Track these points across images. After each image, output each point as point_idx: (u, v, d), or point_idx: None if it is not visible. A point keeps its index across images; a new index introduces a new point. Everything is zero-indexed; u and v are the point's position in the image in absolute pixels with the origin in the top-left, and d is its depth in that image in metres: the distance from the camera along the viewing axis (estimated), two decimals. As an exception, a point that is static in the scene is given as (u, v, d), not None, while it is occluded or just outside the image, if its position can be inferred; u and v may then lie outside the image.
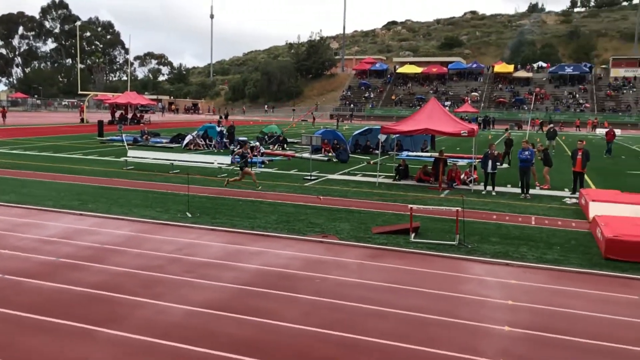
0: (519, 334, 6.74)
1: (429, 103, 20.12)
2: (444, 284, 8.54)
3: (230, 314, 7.07)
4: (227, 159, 20.97)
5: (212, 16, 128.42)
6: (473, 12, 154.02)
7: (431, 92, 79.48)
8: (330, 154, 26.03)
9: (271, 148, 29.41)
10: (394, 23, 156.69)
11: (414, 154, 28.30)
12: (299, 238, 11.01)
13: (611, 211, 12.81)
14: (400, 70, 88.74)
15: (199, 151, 27.78)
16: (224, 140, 29.64)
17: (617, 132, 44.86)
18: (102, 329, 6.50)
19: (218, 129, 30.95)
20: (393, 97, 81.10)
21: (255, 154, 22.82)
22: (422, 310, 7.38)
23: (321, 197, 15.25)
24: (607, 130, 33.67)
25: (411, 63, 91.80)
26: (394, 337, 6.50)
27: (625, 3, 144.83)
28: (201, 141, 29.62)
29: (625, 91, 73.71)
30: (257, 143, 25.81)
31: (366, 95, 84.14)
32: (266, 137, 33.11)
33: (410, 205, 11.57)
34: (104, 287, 7.91)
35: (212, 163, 20.62)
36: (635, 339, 6.66)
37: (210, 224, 11.91)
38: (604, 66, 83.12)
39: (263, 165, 22.35)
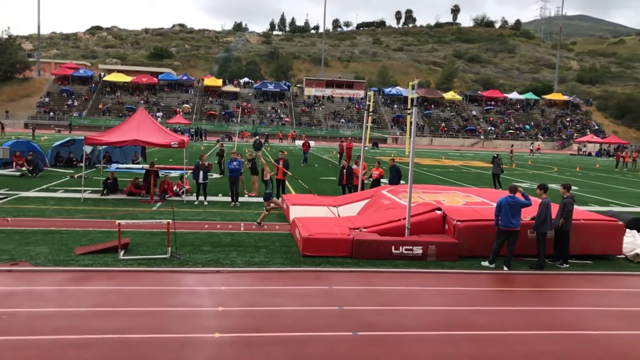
0: (228, 338, 6.94)
1: (137, 113, 19.42)
2: (155, 299, 8.27)
3: None
4: None
5: None
6: (182, 25, 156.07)
7: (142, 102, 77.25)
8: (23, 169, 22.84)
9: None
10: (98, 28, 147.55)
11: (124, 166, 26.96)
12: (-20, 269, 9.27)
13: (307, 213, 14.43)
14: (107, 78, 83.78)
15: None
16: None
17: (312, 143, 50.92)
18: None
19: None
20: (100, 106, 76.05)
21: None
22: (131, 331, 6.99)
23: (9, 219, 13.20)
24: (303, 142, 37.99)
25: (119, 71, 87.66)
26: (98, 366, 5.97)
27: (313, 31, 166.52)
28: None
29: (316, 108, 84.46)
30: None
31: (69, 102, 76.90)
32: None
33: (118, 221, 10.91)
34: None
35: None
36: (325, 325, 7.54)
37: None
38: (299, 85, 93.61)
39: None
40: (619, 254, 12.25)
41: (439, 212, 12.52)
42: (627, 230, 13.16)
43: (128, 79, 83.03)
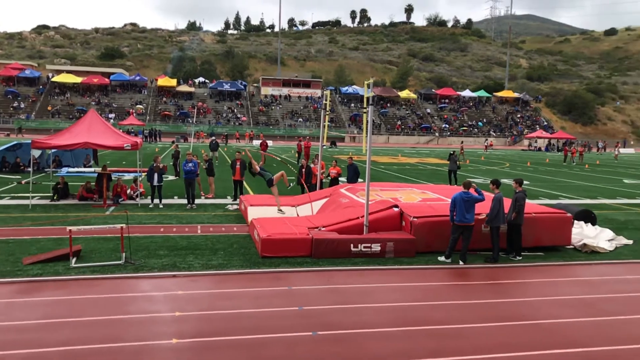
0: (186, 343, 6.81)
1: (88, 115, 18.87)
2: (109, 307, 8.03)
3: None
4: None
5: None
6: (133, 24, 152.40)
7: (93, 103, 75.07)
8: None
9: None
10: (45, 27, 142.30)
11: (75, 170, 26.09)
12: None
13: (266, 213, 14.33)
14: (56, 79, 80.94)
15: None
16: None
17: (270, 142, 50.71)
18: None
19: None
20: (49, 108, 73.42)
21: None
22: (84, 342, 6.76)
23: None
24: (261, 141, 37.76)
25: (69, 72, 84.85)
26: (49, 379, 5.74)
27: (269, 30, 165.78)
28: None
29: (274, 107, 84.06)
30: None
31: (15, 105, 73.92)
32: None
33: (69, 228, 10.54)
34: None
35: None
36: (285, 326, 7.50)
37: None
38: (255, 85, 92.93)
39: None
40: (568, 244, 12.69)
41: (396, 209, 12.66)
42: (575, 221, 13.67)
43: (78, 79, 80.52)
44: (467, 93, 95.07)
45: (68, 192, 18.07)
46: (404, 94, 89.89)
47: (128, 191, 18.15)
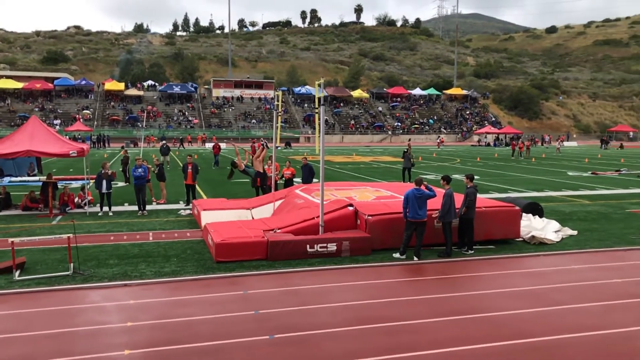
0: (139, 354, 6.62)
1: (30, 122, 18.13)
2: (57, 320, 7.73)
3: None
4: None
5: None
6: (77, 27, 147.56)
7: (36, 109, 72.28)
8: None
9: None
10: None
11: (19, 179, 25.02)
12: None
13: (220, 217, 14.13)
14: (-5, 85, 77.53)
15: None
16: None
17: (223, 145, 50.11)
18: None
19: None
20: (-11, 116, 70.25)
21: None
22: (31, 357, 6.48)
23: None
24: (214, 144, 37.26)
25: (8, 77, 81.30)
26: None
27: (218, 31, 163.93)
28: None
29: (226, 109, 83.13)
30: None
31: (-49, 113, 70.36)
32: None
33: (10, 239, 10.08)
34: None
35: None
36: (241, 330, 7.40)
37: None
38: (206, 87, 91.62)
39: None
40: (517, 237, 13.09)
41: (351, 208, 12.73)
42: (524, 214, 14.12)
43: (19, 85, 77.30)
44: (417, 91, 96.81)
45: (10, 202, 17.34)
46: (357, 93, 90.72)
47: (76, 200, 17.56)
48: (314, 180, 18.78)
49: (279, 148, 17.92)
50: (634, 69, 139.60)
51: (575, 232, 14.02)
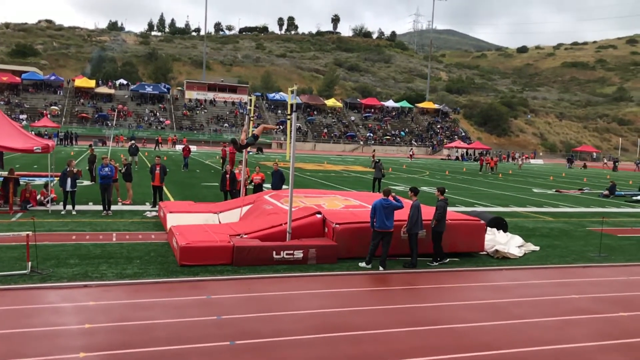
0: (95, 357, 6.45)
1: (-7, 115, 17.59)
2: (11, 320, 7.48)
3: None
4: None
5: None
6: (49, 21, 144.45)
7: (2, 103, 70.33)
8: None
9: None
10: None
11: (-21, 173, 24.27)
12: None
13: (186, 220, 13.92)
14: (-41, 75, 75.14)
15: None
16: None
17: (193, 148, 49.63)
18: None
19: None
20: (-49, 107, 68.06)
21: None
22: (-20, 359, 6.24)
23: None
24: (184, 146, 36.85)
25: (-26, 69, 79.07)
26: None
27: (194, 33, 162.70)
28: None
29: (198, 112, 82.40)
30: None
31: None
32: None
33: (-34, 235, 9.74)
34: None
35: None
36: (202, 336, 7.30)
37: None
38: (179, 88, 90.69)
39: None
40: (481, 250, 13.29)
41: (319, 215, 12.72)
42: (488, 228, 14.34)
43: (-18, 77, 75.17)
44: (390, 103, 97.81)
45: (-31, 197, 16.74)
46: (330, 102, 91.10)
47: (38, 197, 17.09)
48: (284, 186, 18.73)
49: (251, 153, 17.78)
50: (599, 91, 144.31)
51: (537, 248, 14.31)
